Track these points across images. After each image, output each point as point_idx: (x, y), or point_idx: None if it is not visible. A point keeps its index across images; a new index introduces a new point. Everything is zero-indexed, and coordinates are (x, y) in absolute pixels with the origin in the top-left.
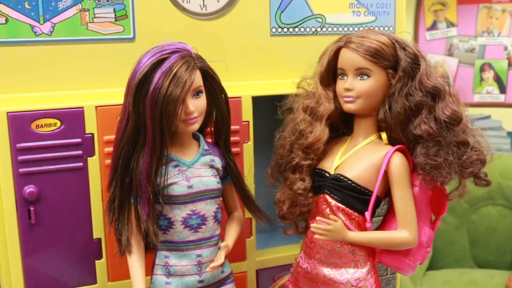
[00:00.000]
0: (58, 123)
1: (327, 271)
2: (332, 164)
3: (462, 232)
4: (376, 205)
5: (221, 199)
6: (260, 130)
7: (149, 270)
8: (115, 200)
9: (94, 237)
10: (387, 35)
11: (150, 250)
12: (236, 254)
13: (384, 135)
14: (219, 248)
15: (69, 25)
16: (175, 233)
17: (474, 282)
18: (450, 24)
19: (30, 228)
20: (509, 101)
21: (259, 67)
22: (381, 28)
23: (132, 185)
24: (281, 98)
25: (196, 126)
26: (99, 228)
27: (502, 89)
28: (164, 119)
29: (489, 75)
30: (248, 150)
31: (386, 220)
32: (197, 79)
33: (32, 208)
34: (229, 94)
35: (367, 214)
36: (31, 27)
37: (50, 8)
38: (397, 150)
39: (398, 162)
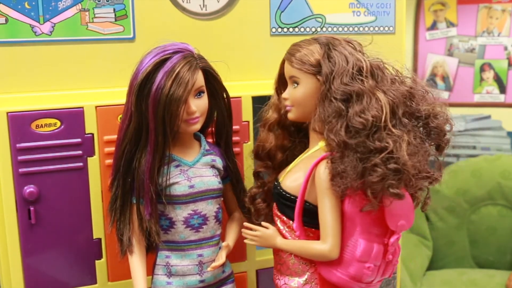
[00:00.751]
0: (58, 123)
1: (277, 279)
2: (283, 174)
3: (462, 232)
4: (313, 213)
5: (222, 199)
6: None
7: (150, 270)
8: (117, 200)
9: (94, 237)
10: (324, 39)
11: (151, 250)
12: (236, 254)
13: (321, 143)
14: (220, 248)
15: (69, 25)
16: (177, 233)
17: (474, 282)
18: (450, 24)
19: (30, 228)
20: (509, 101)
21: (259, 67)
22: (381, 28)
23: (134, 185)
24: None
25: (197, 126)
26: (99, 228)
27: (502, 89)
28: (166, 119)
29: (489, 75)
30: (248, 150)
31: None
32: (199, 79)
33: (32, 208)
34: (229, 94)
35: (294, 223)
36: (31, 27)
37: (50, 8)
38: (324, 158)
39: (321, 171)
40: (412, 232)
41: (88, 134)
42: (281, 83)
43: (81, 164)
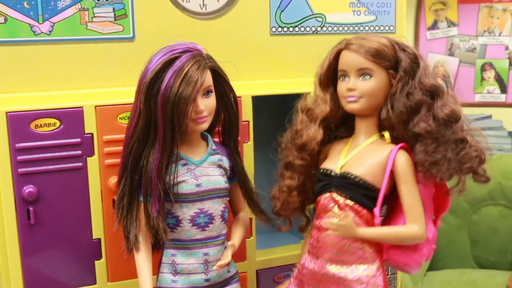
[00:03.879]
0: (58, 123)
1: (337, 270)
2: (337, 164)
3: (463, 233)
4: (383, 202)
5: (228, 198)
6: (260, 130)
7: (155, 268)
8: (124, 198)
9: (94, 237)
10: (386, 37)
11: (156, 248)
12: (236, 254)
13: (387, 134)
14: (225, 247)
15: (69, 25)
16: (183, 231)
17: (474, 282)
18: (451, 24)
19: (29, 228)
20: (510, 100)
21: (259, 67)
22: (382, 28)
23: (142, 183)
24: (281, 97)
25: (205, 125)
26: (98, 228)
27: (503, 89)
28: (175, 118)
29: (490, 74)
30: (248, 150)
31: (391, 218)
32: (208, 79)
33: (31, 208)
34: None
35: (376, 210)
36: (30, 26)
37: (49, 7)
38: (400, 148)
39: (403, 159)
40: None
41: (87, 134)
42: (327, 76)
43: (80, 164)
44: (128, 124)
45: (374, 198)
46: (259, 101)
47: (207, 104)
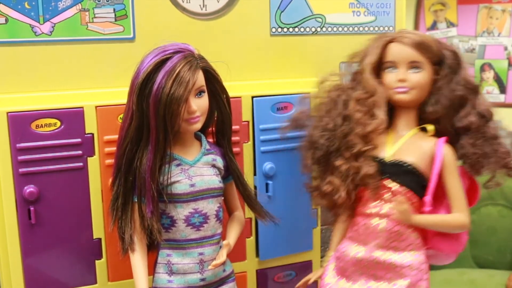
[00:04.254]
0: (58, 123)
1: (387, 256)
2: (385, 152)
3: None
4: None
5: (222, 198)
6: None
7: (151, 269)
8: (119, 199)
9: (94, 237)
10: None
11: (152, 249)
12: (236, 254)
13: (431, 127)
14: (221, 246)
15: (69, 25)
16: (178, 231)
17: (474, 282)
18: (450, 24)
19: (30, 228)
20: (509, 101)
21: (259, 67)
22: (381, 28)
23: (136, 184)
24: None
25: (198, 126)
26: (99, 228)
27: (502, 89)
28: (167, 118)
29: (489, 75)
30: (248, 150)
31: (434, 208)
32: (200, 79)
33: (32, 208)
34: (229, 94)
35: (427, 198)
36: (31, 27)
37: (50, 8)
38: (447, 140)
39: (450, 151)
40: None
41: (88, 134)
42: (375, 66)
43: (81, 164)
44: (121, 126)
45: (424, 186)
46: (260, 101)
47: (199, 104)
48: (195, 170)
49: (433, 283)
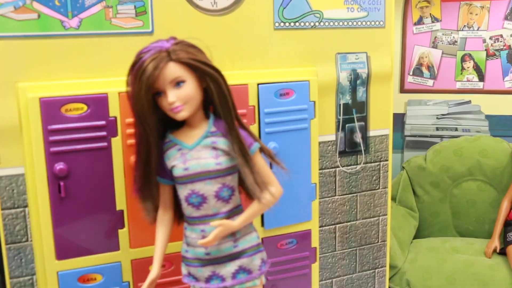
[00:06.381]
0: (85, 108)
1: None
2: None
3: (445, 205)
4: None
5: (229, 177)
6: None
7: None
8: (141, 178)
9: (117, 209)
10: None
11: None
12: None
13: None
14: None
15: (95, 20)
16: (184, 209)
17: (455, 249)
18: (435, 19)
19: (60, 201)
20: (487, 88)
21: (264, 58)
22: (372, 23)
23: (154, 165)
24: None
25: (183, 114)
26: (121, 200)
27: (481, 77)
28: (139, 114)
29: (469, 64)
30: (254, 131)
31: None
32: (172, 71)
33: (62, 183)
34: (237, 82)
35: None
36: (61, 22)
37: (78, 5)
38: None
39: None
40: (400, 205)
41: (111, 117)
42: None
43: (105, 144)
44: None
45: None
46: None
47: (179, 94)
48: (192, 154)
49: (419, 250)
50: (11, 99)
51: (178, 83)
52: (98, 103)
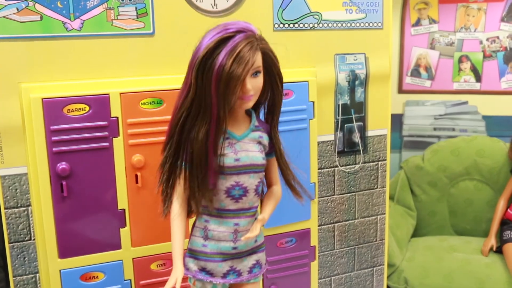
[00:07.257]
0: (87, 108)
1: None
2: None
3: (443, 204)
4: None
5: (263, 173)
6: None
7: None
8: (167, 163)
9: (119, 208)
10: None
11: (190, 214)
12: None
13: None
14: (256, 219)
15: (96, 22)
16: (218, 201)
17: (453, 247)
18: (432, 21)
19: (62, 200)
20: (484, 88)
21: None
22: (371, 24)
23: (187, 152)
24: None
25: (250, 104)
26: (123, 200)
27: (478, 78)
28: (226, 96)
29: (466, 66)
30: None
31: None
32: (258, 60)
33: (64, 183)
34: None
35: None
36: (63, 23)
37: (80, 6)
38: None
39: None
40: (398, 204)
41: (113, 117)
42: None
43: (107, 144)
44: (178, 97)
45: None
46: None
47: (254, 84)
48: (241, 145)
49: (417, 248)
50: (14, 99)
51: (256, 72)
52: (100, 104)
